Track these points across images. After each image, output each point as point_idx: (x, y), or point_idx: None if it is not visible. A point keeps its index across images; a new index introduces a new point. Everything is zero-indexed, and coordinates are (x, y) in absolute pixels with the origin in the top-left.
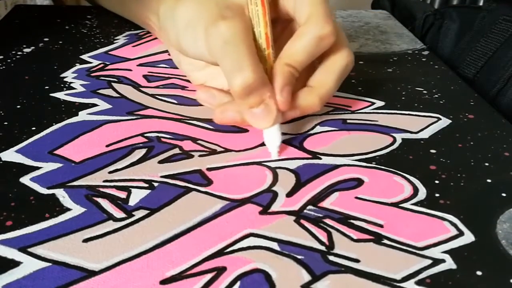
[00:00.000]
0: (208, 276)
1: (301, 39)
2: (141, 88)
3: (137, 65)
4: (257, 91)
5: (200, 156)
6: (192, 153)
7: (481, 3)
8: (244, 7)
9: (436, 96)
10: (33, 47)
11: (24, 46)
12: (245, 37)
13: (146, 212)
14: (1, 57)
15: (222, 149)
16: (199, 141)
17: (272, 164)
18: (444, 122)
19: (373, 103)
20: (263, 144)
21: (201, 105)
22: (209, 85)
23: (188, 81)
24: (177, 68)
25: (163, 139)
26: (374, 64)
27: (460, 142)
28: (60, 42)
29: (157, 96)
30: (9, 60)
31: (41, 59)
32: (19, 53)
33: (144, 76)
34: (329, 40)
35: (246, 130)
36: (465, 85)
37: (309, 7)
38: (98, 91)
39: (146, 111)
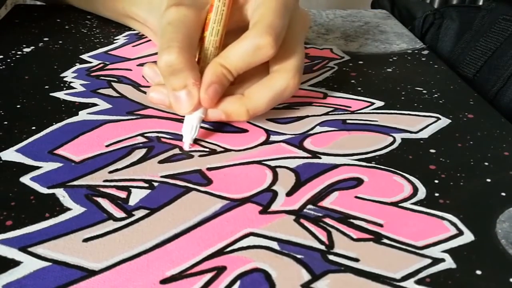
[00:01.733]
0: (208, 275)
1: (240, 44)
2: (141, 88)
3: (137, 65)
4: (181, 73)
5: (200, 156)
6: (192, 153)
7: (480, 3)
8: (207, 3)
9: (436, 95)
10: (33, 47)
11: (24, 46)
12: (189, 25)
13: (146, 211)
14: (1, 56)
15: (222, 149)
16: (199, 141)
17: (272, 163)
18: (444, 121)
19: (372, 103)
20: (262, 144)
21: None
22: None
23: None
24: None
25: (163, 139)
26: (373, 64)
27: (460, 142)
28: (60, 42)
29: None
30: (9, 60)
31: (41, 59)
32: (19, 53)
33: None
34: (266, 51)
35: (246, 130)
36: (464, 85)
37: (258, 16)
38: (98, 90)
39: (146, 110)
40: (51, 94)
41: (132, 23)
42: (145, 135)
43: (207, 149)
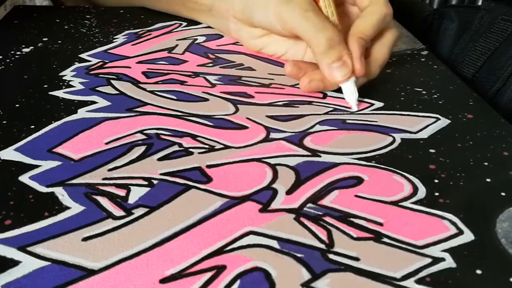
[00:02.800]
0: (208, 274)
1: (371, 17)
2: (140, 85)
3: (136, 63)
4: (337, 46)
5: (199, 153)
6: (192, 149)
7: (479, 3)
8: None
9: (435, 96)
10: (32, 47)
11: (23, 46)
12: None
13: (146, 210)
14: (0, 57)
15: (222, 146)
16: (198, 138)
17: (272, 161)
18: (443, 122)
19: (372, 104)
20: (263, 141)
21: (199, 101)
22: (263, 51)
23: (187, 76)
24: (176, 64)
25: (162, 136)
26: None
27: (459, 142)
28: (59, 41)
29: (156, 92)
30: (8, 60)
31: (40, 58)
32: (18, 53)
33: (143, 73)
34: (390, 18)
35: (245, 127)
36: (464, 85)
37: None
38: (97, 88)
39: (145, 107)
40: (50, 93)
41: (186, 11)
42: (144, 132)
43: (207, 146)
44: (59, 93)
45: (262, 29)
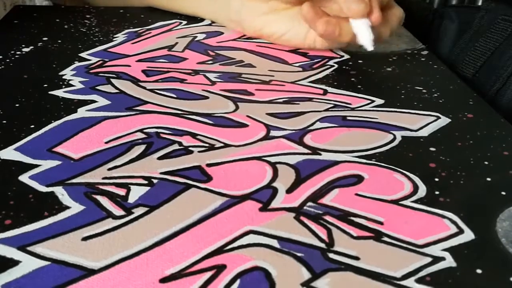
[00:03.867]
0: (208, 274)
1: None
2: (140, 83)
3: (136, 61)
4: None
5: (199, 151)
6: (192, 148)
7: (479, 3)
8: None
9: (435, 95)
10: (32, 47)
11: (23, 45)
12: None
13: (146, 209)
14: (0, 56)
15: (222, 144)
16: (198, 136)
17: (272, 159)
18: (444, 120)
19: (372, 101)
20: (263, 139)
21: (199, 99)
22: (263, 31)
23: (187, 74)
24: (176, 62)
25: (162, 135)
26: (373, 63)
27: (460, 141)
28: (59, 41)
29: (156, 91)
30: (8, 60)
31: (40, 58)
32: (18, 52)
33: (143, 71)
34: None
35: (245, 125)
36: (464, 85)
37: None
38: (97, 87)
39: (145, 106)
40: (49, 92)
41: (188, 3)
42: (144, 131)
43: (207, 144)
44: (59, 93)
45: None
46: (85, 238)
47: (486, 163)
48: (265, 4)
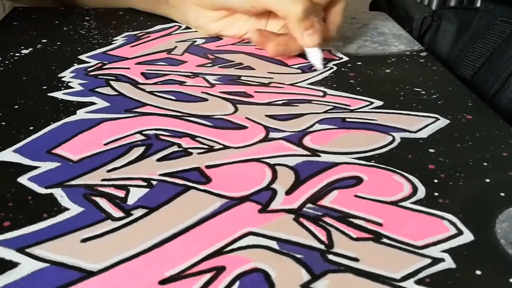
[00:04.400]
0: (207, 275)
1: None
2: (139, 85)
3: (135, 64)
4: (310, 15)
5: (198, 153)
6: (191, 150)
7: (478, 5)
8: None
9: (434, 96)
10: (31, 49)
11: (22, 47)
12: None
13: (145, 211)
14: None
15: (221, 146)
16: (197, 138)
17: (271, 161)
18: (443, 122)
19: (371, 102)
20: (262, 141)
21: (198, 101)
22: (223, 33)
23: (186, 76)
24: (175, 65)
25: (161, 136)
26: (372, 65)
27: (459, 142)
28: (58, 43)
29: (155, 93)
30: (7, 62)
31: (39, 60)
32: (17, 54)
33: (142, 74)
34: None
35: (245, 127)
36: (463, 86)
37: None
38: (96, 89)
39: (144, 108)
40: (49, 94)
41: (145, 4)
42: (144, 132)
43: (206, 146)
44: (58, 94)
45: (226, 10)
46: (84, 240)
47: (485, 164)
48: (220, 11)
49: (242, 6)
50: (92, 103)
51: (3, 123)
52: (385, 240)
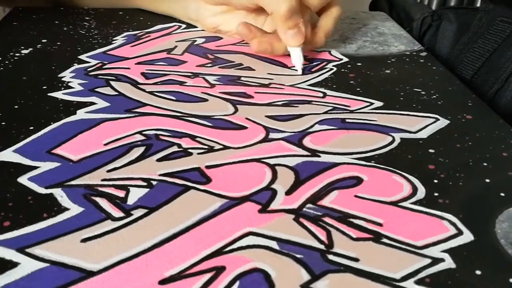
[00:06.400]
0: (207, 275)
1: None
2: (139, 85)
3: (136, 64)
4: (295, 15)
5: (198, 153)
6: (191, 150)
7: (478, 5)
8: None
9: (434, 97)
10: (31, 49)
11: (22, 47)
12: None
13: (145, 211)
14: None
15: (221, 146)
16: (197, 138)
17: (271, 161)
18: (443, 122)
19: (371, 103)
20: (262, 141)
21: (198, 101)
22: (220, 28)
23: (186, 76)
24: (175, 65)
25: (161, 137)
26: (372, 65)
27: (459, 143)
28: (58, 43)
29: (155, 93)
30: (6, 62)
31: (39, 60)
32: (17, 54)
33: (142, 74)
34: None
35: (245, 127)
36: (463, 86)
37: None
38: (96, 89)
39: (145, 108)
40: (49, 94)
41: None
42: (144, 132)
43: (206, 146)
44: (58, 94)
45: (226, 5)
46: (84, 240)
47: (485, 164)
48: (220, 6)
49: (240, 1)
50: (92, 103)
51: (3, 123)
52: (385, 240)
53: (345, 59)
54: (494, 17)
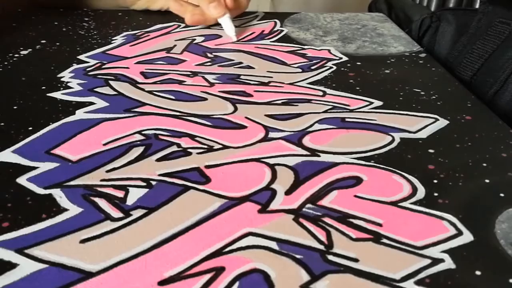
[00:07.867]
0: (207, 276)
1: None
2: (138, 85)
3: (135, 63)
4: None
5: (198, 153)
6: (190, 150)
7: (477, 6)
8: None
9: (434, 97)
10: (30, 49)
11: (22, 48)
12: None
13: (144, 211)
14: None
15: (220, 146)
16: (197, 138)
17: (271, 161)
18: (442, 122)
19: (371, 102)
20: (261, 141)
21: (198, 100)
22: (151, 8)
23: (186, 75)
24: (174, 64)
25: (160, 136)
26: (371, 65)
27: (458, 143)
28: (57, 43)
29: (154, 92)
30: (6, 63)
31: (38, 60)
32: (16, 55)
33: (141, 73)
34: None
35: (244, 127)
36: (462, 87)
37: None
38: (95, 89)
39: (144, 107)
40: (48, 94)
41: None
42: (143, 132)
43: (205, 146)
44: (57, 95)
45: None
46: (83, 241)
47: (484, 165)
48: None
49: None
50: (91, 103)
51: (2, 124)
52: (385, 240)
53: (345, 58)
54: (493, 18)
